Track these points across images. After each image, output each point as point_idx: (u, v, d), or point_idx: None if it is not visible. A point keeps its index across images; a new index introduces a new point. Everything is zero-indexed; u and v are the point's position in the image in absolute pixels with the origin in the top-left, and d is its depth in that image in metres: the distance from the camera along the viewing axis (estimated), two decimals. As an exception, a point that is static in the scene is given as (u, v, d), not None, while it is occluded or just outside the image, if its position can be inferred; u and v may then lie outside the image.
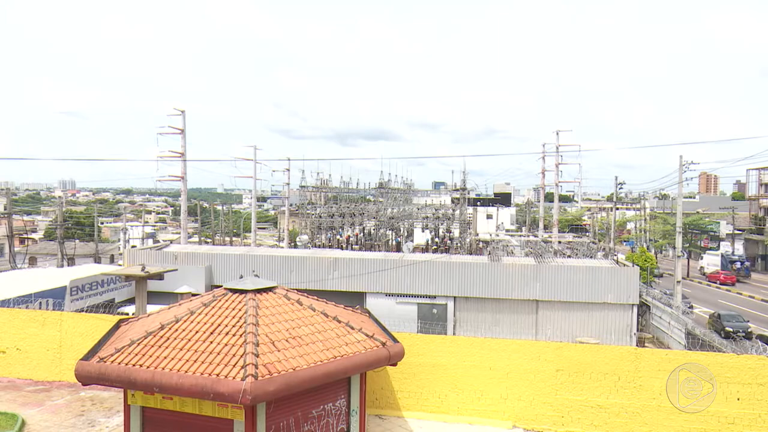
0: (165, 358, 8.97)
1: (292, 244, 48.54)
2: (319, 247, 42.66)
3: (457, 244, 42.74)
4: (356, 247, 43.24)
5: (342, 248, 41.04)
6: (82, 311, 18.13)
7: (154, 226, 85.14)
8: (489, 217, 61.02)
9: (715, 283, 45.83)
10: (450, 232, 44.86)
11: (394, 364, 10.34)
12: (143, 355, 9.05)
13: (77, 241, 53.61)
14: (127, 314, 19.85)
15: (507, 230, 56.09)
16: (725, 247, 56.47)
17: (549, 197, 63.29)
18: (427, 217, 44.59)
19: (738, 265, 48.88)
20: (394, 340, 10.80)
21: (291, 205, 54.52)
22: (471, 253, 35.92)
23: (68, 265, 37.26)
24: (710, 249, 57.71)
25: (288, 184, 46.70)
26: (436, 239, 42.85)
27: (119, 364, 8.99)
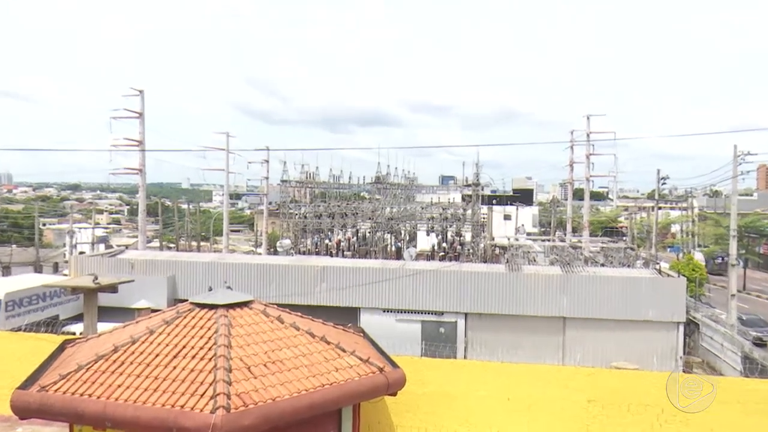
0: (119, 386, 8.93)
1: (272, 249, 48.57)
2: (304, 253, 42.67)
3: (468, 250, 42.84)
4: (348, 253, 43.30)
5: (331, 255, 41.08)
6: (20, 330, 18.09)
7: (107, 228, 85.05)
8: (507, 217, 61.17)
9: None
10: (460, 236, 44.96)
11: (394, 394, 10.33)
12: (93, 383, 9.00)
13: (14, 246, 53.45)
14: (74, 334, 19.80)
15: (528, 233, 56.18)
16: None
17: (578, 194, 63.51)
18: (432, 218, 44.66)
19: None
20: (394, 365, 10.79)
21: (270, 203, 54.61)
22: (485, 261, 35.99)
23: (3, 275, 37.21)
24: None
25: (267, 178, 46.79)
26: (444, 244, 42.94)
27: (64, 393, 8.94)
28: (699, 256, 49.98)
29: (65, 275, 28.35)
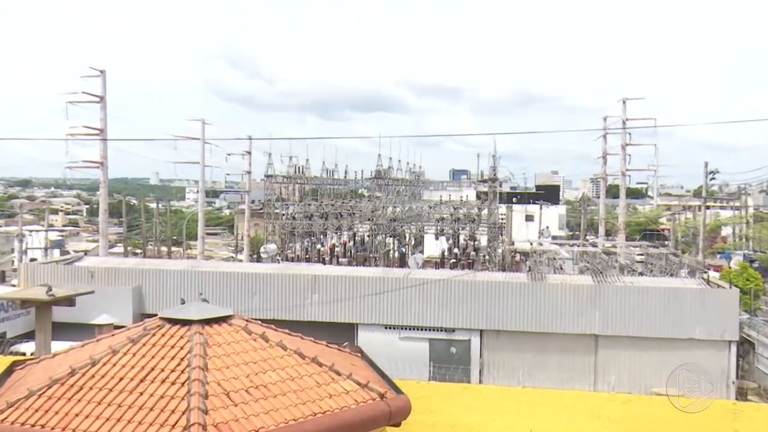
0: (77, 415, 8.95)
1: (255, 256, 48.60)
2: (293, 260, 42.65)
3: (484, 256, 42.79)
4: (344, 260, 43.30)
5: (324, 262, 41.09)
6: (-39, 350, 18.12)
7: (62, 231, 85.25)
8: (529, 218, 61.17)
9: None
10: (475, 240, 44.97)
11: (397, 424, 10.33)
12: (47, 412, 9.02)
13: (-46, 251, 53.55)
14: (24, 354, 19.82)
15: (554, 237, 56.25)
16: None
17: (613, 191, 63.42)
18: (442, 219, 44.69)
19: None
20: (397, 390, 10.80)
21: (253, 201, 54.56)
22: (504, 270, 35.99)
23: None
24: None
25: (249, 172, 46.85)
26: (456, 250, 42.96)
27: (12, 424, 8.96)
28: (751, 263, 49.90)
29: (14, 286, 28.40)
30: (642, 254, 37.81)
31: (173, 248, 59.00)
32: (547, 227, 53.19)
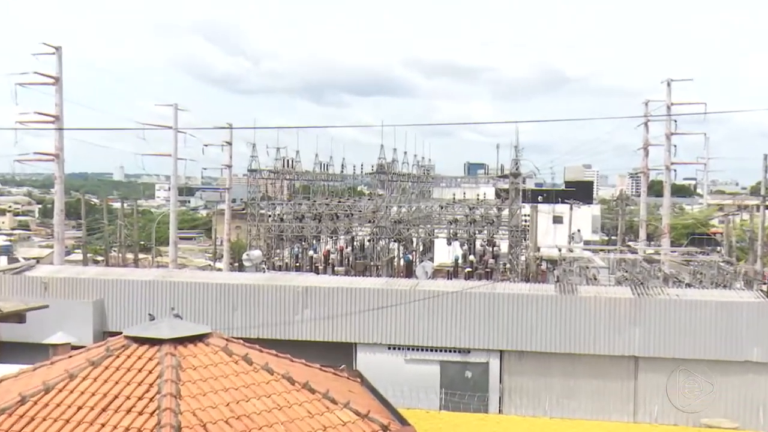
0: (28, 451, 8.96)
1: (236, 264, 48.54)
2: (281, 269, 42.64)
3: (505, 264, 42.70)
4: (341, 269, 43.32)
5: (318, 271, 41.12)
6: None
7: (11, 234, 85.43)
8: (557, 220, 61.06)
9: None
10: (494, 246, 44.98)
11: (403, 462, 10.32)
12: (-8, 447, 9.04)
13: None
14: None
15: (587, 242, 56.13)
16: None
17: (656, 188, 63.21)
18: (456, 221, 44.69)
19: None
20: (403, 421, 10.79)
21: (234, 200, 54.53)
22: (528, 280, 35.94)
23: None
24: None
25: (229, 166, 46.94)
26: (471, 257, 42.98)
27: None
28: None
29: (-45, 299, 28.42)
30: (690, 262, 37.72)
31: (141, 255, 59.11)
32: (579, 230, 53.05)
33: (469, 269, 41.27)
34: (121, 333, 11.12)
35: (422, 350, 23.68)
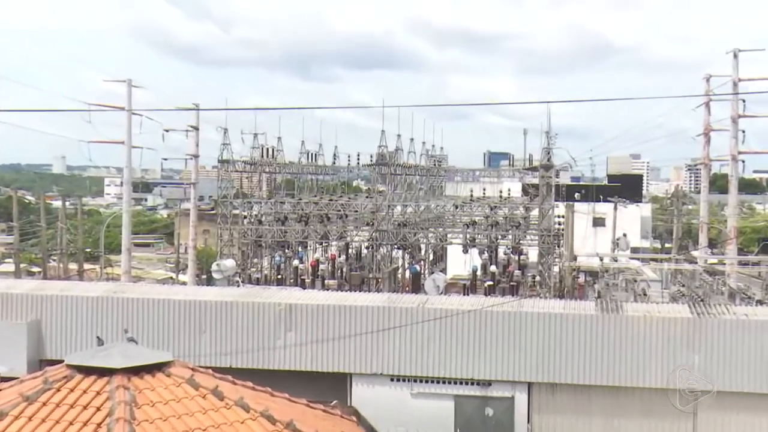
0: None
1: (204, 276, 48.43)
2: (258, 282, 42.61)
3: (534, 277, 42.60)
4: (332, 282, 43.23)
5: (304, 285, 41.05)
6: None
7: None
8: (598, 222, 60.97)
9: None
10: (520, 254, 44.88)
11: None
12: None
13: None
14: None
15: (634, 249, 56.08)
16: None
17: (719, 184, 63.02)
18: (473, 223, 44.70)
19: None
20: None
21: (201, 198, 54.45)
22: (562, 296, 35.90)
23: None
24: None
25: (196, 156, 46.88)
26: (493, 267, 42.95)
27: None
28: None
29: None
30: (761, 274, 37.65)
31: (87, 265, 59.06)
32: (624, 235, 52.75)
33: (490, 282, 41.23)
34: (62, 361, 11.10)
35: (433, 382, 23.64)
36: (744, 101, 38.87)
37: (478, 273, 43.76)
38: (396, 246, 44.30)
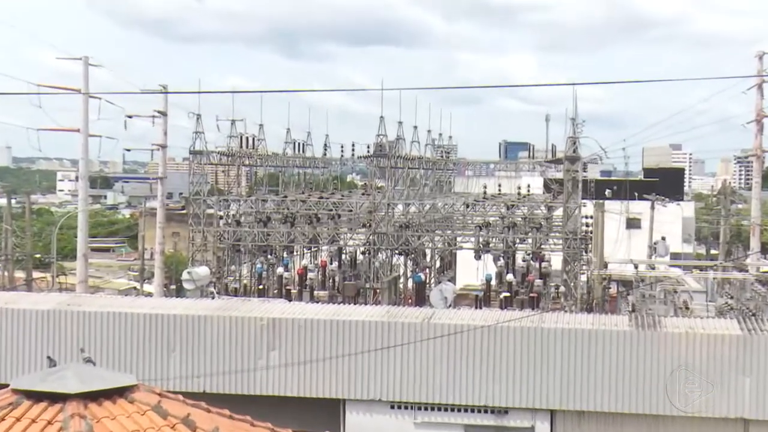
0: None
1: (174, 286, 48.42)
2: (237, 293, 42.54)
3: (557, 287, 42.56)
4: (323, 293, 43.23)
5: (290, 296, 40.99)
6: None
7: None
8: (633, 224, 60.93)
9: None
10: (542, 260, 44.88)
11: None
12: None
13: None
14: None
15: (675, 255, 56.11)
16: None
17: (773, 178, 63.13)
18: (487, 225, 44.71)
19: None
20: None
21: (170, 196, 54.27)
22: (591, 310, 35.91)
23: None
24: None
25: (164, 147, 46.83)
26: (510, 276, 42.93)
27: None
28: None
29: None
30: None
31: (36, 274, 59.00)
32: (663, 238, 52.89)
33: (507, 294, 41.20)
34: (7, 385, 11.08)
35: (440, 410, 23.67)
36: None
37: (493, 283, 43.78)
38: (397, 251, 44.26)
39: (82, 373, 11.11)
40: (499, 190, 57.95)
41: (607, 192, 65.28)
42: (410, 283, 46.15)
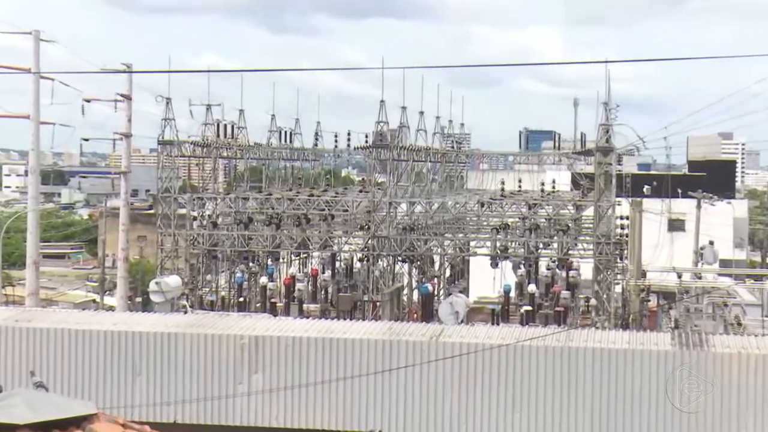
0: None
1: (140, 299, 48.35)
2: (213, 307, 42.50)
3: (587, 300, 42.52)
4: (314, 308, 43.20)
5: (274, 310, 40.99)
6: None
7: None
8: (676, 226, 60.88)
9: None
10: (569, 268, 44.82)
11: None
12: None
13: None
14: None
15: (725, 262, 56.10)
16: None
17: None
18: (506, 228, 44.72)
19: None
20: None
21: (136, 193, 54.11)
22: (627, 326, 35.91)
23: None
24: None
25: (128, 135, 46.87)
26: (532, 286, 42.92)
27: None
28: None
29: None
30: None
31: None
32: (711, 243, 53.00)
33: (529, 308, 41.22)
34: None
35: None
36: None
37: (512, 295, 43.76)
38: (400, 258, 44.30)
39: (32, 400, 11.12)
40: (520, 186, 57.94)
41: (646, 188, 65.39)
42: (415, 295, 46.19)
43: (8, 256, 64.61)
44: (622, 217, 43.55)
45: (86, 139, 52.51)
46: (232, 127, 49.27)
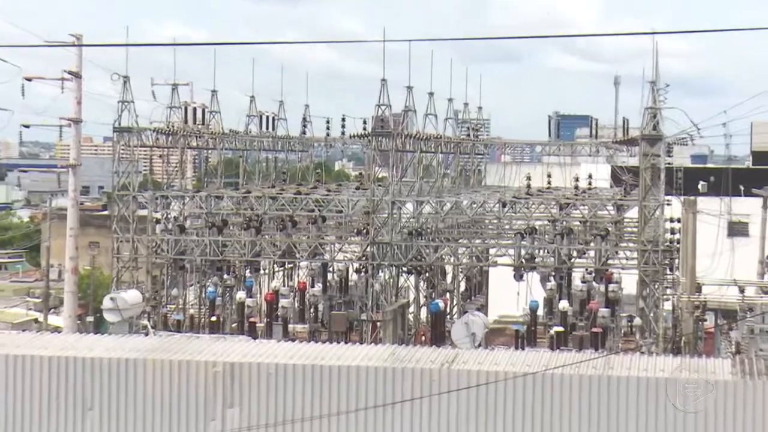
0: None
1: (91, 316, 48.40)
2: (180, 328, 42.55)
3: (631, 318, 42.46)
4: (301, 329, 43.23)
5: (255, 331, 41.02)
6: None
7: None
8: (738, 230, 60.80)
9: None
10: (609, 281, 44.80)
11: None
12: None
13: None
14: None
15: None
16: None
17: None
18: (532, 232, 44.73)
19: None
20: None
21: (87, 190, 54.14)
22: (678, 350, 35.91)
23: None
24: None
25: (78, 121, 46.92)
26: (564, 303, 42.95)
27: None
28: None
29: None
30: None
31: None
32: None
33: (560, 328, 41.23)
34: None
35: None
36: None
37: (540, 313, 43.76)
38: (405, 269, 44.33)
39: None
40: (549, 182, 58.05)
41: (702, 185, 65.37)
42: (424, 314, 46.22)
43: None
44: (672, 220, 43.60)
45: (27, 126, 52.64)
46: (203, 110, 49.31)
